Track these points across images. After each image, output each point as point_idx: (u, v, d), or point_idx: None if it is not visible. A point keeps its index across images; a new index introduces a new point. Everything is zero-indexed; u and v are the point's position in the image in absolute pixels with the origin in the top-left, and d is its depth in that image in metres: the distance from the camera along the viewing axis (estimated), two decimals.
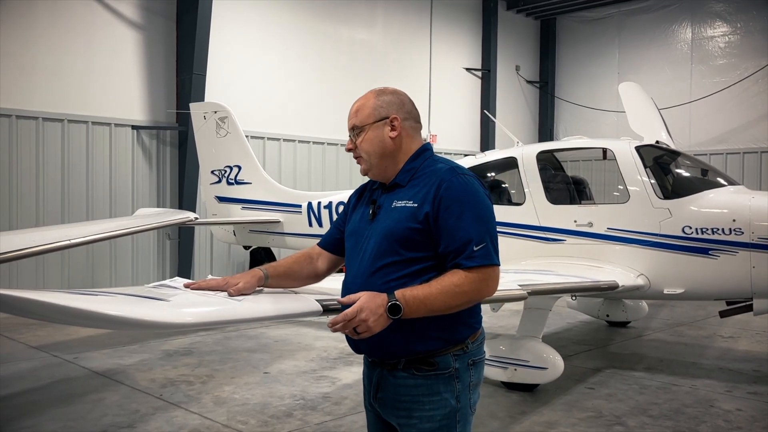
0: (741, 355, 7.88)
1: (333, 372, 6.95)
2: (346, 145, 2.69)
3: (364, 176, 2.68)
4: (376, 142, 2.58)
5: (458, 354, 2.49)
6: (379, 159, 2.58)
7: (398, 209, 2.48)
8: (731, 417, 5.60)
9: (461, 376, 2.49)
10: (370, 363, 2.63)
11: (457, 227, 2.38)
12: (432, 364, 2.46)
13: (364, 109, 2.61)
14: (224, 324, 2.72)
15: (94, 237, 6.45)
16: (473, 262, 2.36)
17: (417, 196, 2.46)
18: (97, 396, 6.03)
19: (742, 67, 15.76)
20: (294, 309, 2.47)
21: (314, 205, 9.23)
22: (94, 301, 2.26)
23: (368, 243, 2.52)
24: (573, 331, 9.16)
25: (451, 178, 2.45)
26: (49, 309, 2.20)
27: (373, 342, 2.43)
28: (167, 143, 12.21)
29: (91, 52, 11.26)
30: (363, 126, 2.59)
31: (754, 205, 6.41)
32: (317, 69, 14.24)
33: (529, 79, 19.21)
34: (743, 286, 6.42)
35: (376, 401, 2.59)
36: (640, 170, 6.95)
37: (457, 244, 2.38)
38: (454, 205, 2.40)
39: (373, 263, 2.47)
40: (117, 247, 11.47)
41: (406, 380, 2.48)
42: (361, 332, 2.31)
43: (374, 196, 2.64)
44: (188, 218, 8.26)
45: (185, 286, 2.63)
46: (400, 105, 2.63)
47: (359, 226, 2.62)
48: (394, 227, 2.45)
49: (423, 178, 2.51)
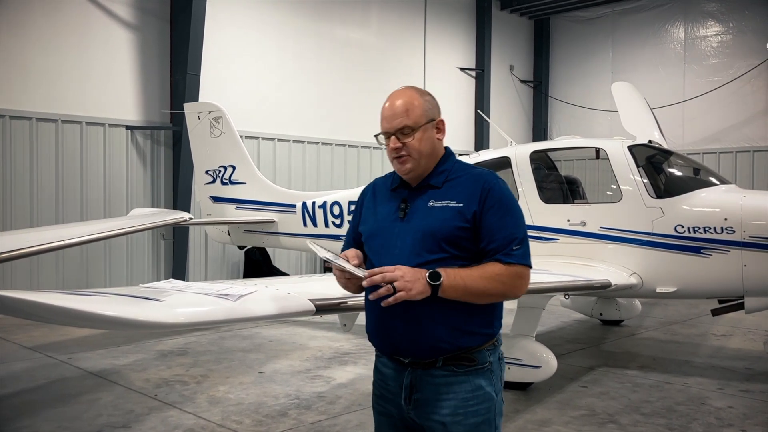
0: (733, 353, 7.92)
1: (327, 371, 6.96)
2: (391, 144, 2.62)
3: (407, 174, 2.63)
4: (429, 143, 2.61)
5: (491, 349, 2.57)
6: (426, 160, 2.61)
7: (440, 209, 2.54)
8: (723, 414, 5.64)
9: (494, 369, 2.57)
10: (400, 365, 2.58)
11: (500, 226, 2.49)
12: (472, 359, 2.51)
13: (414, 109, 2.61)
14: (218, 324, 2.74)
15: (89, 237, 6.46)
16: (513, 259, 2.47)
17: (460, 196, 2.54)
18: (92, 396, 6.04)
19: (735, 66, 15.82)
20: (287, 308, 2.50)
21: (309, 204, 9.24)
22: (88, 301, 2.27)
23: (402, 241, 2.53)
24: (566, 330, 9.20)
25: (494, 181, 2.56)
26: (43, 309, 2.22)
27: (413, 338, 2.47)
28: (161, 143, 12.20)
29: (86, 52, 11.24)
30: (416, 126, 2.59)
31: (746, 204, 6.45)
32: (312, 68, 14.25)
33: (522, 78, 19.25)
34: (735, 284, 6.46)
35: (411, 403, 2.55)
36: (632, 169, 6.99)
37: (499, 242, 2.48)
38: (497, 206, 2.51)
39: (412, 260, 2.46)
40: (111, 248, 11.46)
41: (447, 378, 2.50)
42: (398, 288, 2.31)
43: (401, 195, 2.65)
44: (182, 218, 8.26)
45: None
46: (438, 108, 2.70)
47: (385, 224, 2.62)
48: (440, 226, 2.50)
49: (461, 181, 2.59)
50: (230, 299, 2.38)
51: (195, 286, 3.03)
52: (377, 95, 17.51)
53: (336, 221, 8.94)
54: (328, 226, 9.04)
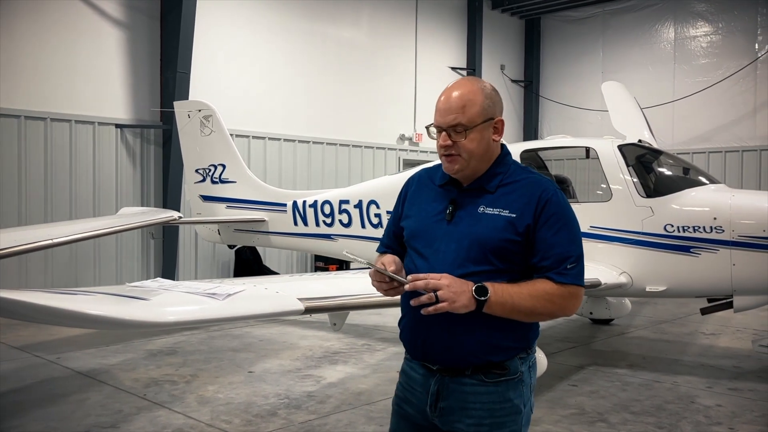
0: (722, 351, 7.97)
1: (318, 371, 6.95)
2: (441, 140, 2.43)
3: (454, 174, 2.48)
4: (483, 144, 2.42)
5: (523, 356, 2.45)
6: (478, 161, 2.43)
7: (491, 217, 2.38)
8: (712, 413, 5.66)
9: (525, 379, 2.45)
10: (429, 371, 2.48)
11: (555, 243, 2.34)
12: (504, 367, 2.40)
13: (472, 106, 2.39)
14: (207, 323, 2.73)
15: (78, 236, 6.44)
16: (566, 279, 2.33)
17: (513, 205, 2.37)
18: (81, 396, 6.00)
19: (724, 66, 15.90)
20: (275, 308, 2.48)
21: (299, 204, 9.22)
22: (75, 300, 2.26)
23: (447, 246, 2.39)
24: (556, 329, 9.22)
25: (553, 191, 2.39)
26: (29, 309, 2.20)
27: (446, 348, 2.37)
28: (151, 142, 12.15)
29: (75, 50, 11.17)
30: (471, 126, 2.39)
31: (735, 204, 6.48)
32: (302, 68, 14.21)
33: (513, 78, 19.28)
34: (724, 283, 6.49)
35: (436, 411, 2.45)
36: (622, 169, 7.01)
37: (552, 260, 2.33)
38: (553, 220, 2.35)
39: (456, 269, 2.33)
40: (101, 247, 11.39)
41: (475, 387, 2.40)
42: (442, 298, 2.19)
43: (450, 195, 2.49)
44: (172, 217, 8.24)
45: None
46: (501, 105, 2.49)
47: (429, 224, 2.47)
48: (489, 236, 2.35)
49: (517, 187, 2.42)
50: (218, 298, 2.37)
51: (183, 285, 3.01)
52: (368, 95, 17.47)
53: (327, 220, 8.93)
54: (318, 226, 9.02)
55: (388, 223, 2.72)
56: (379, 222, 8.41)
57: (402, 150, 16.08)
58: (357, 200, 8.65)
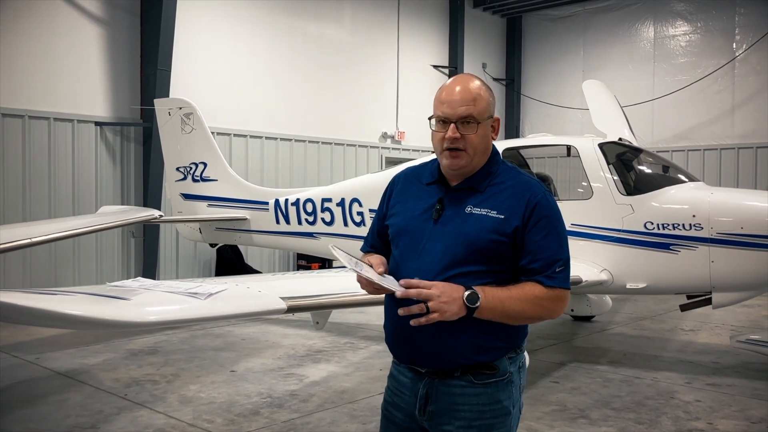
0: (700, 347, 8.06)
1: (300, 369, 6.94)
2: (449, 132, 2.36)
3: (456, 171, 2.43)
4: (485, 141, 2.41)
5: (512, 357, 2.44)
6: (479, 159, 2.41)
7: (478, 217, 2.35)
8: (690, 408, 5.73)
9: (514, 380, 2.44)
10: (417, 374, 2.46)
11: (545, 246, 2.33)
12: (493, 368, 2.38)
13: (481, 101, 2.37)
14: (188, 323, 2.71)
15: (57, 235, 6.37)
16: (554, 282, 2.33)
17: (502, 206, 2.35)
18: (60, 396, 5.95)
19: (703, 65, 16.07)
20: (257, 307, 2.47)
21: (282, 202, 9.20)
22: (54, 300, 2.23)
23: (433, 245, 2.37)
24: (538, 326, 9.27)
25: (543, 194, 2.38)
26: (9, 310, 2.17)
27: (433, 351, 2.35)
28: (131, 140, 12.04)
29: (54, 47, 11.03)
30: (481, 120, 2.36)
31: (713, 201, 6.56)
32: (284, 65, 14.16)
33: (495, 76, 19.34)
34: (703, 280, 6.57)
35: (425, 414, 2.42)
36: (603, 167, 7.06)
37: (541, 263, 2.33)
38: (543, 223, 2.34)
39: (444, 270, 2.32)
40: (80, 246, 11.27)
41: (464, 389, 2.38)
42: (432, 309, 2.17)
43: (438, 194, 2.45)
44: (153, 216, 8.18)
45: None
46: (495, 105, 2.49)
47: (415, 223, 2.44)
48: (476, 236, 2.32)
49: (506, 188, 2.40)
50: (199, 298, 2.35)
51: (164, 284, 2.98)
52: (350, 92, 17.42)
53: (309, 219, 8.91)
54: (300, 224, 9.00)
55: (373, 222, 2.69)
56: (361, 220, 8.40)
57: (384, 148, 16.08)
58: (339, 198, 8.64)
